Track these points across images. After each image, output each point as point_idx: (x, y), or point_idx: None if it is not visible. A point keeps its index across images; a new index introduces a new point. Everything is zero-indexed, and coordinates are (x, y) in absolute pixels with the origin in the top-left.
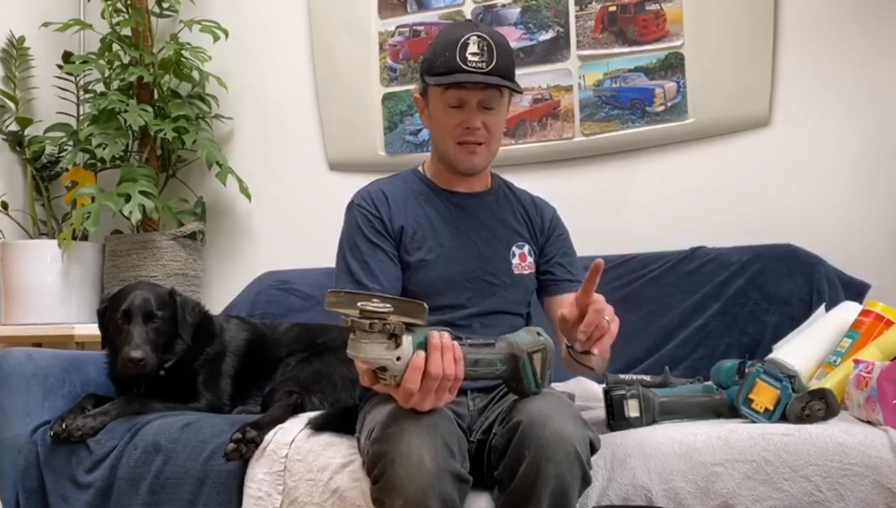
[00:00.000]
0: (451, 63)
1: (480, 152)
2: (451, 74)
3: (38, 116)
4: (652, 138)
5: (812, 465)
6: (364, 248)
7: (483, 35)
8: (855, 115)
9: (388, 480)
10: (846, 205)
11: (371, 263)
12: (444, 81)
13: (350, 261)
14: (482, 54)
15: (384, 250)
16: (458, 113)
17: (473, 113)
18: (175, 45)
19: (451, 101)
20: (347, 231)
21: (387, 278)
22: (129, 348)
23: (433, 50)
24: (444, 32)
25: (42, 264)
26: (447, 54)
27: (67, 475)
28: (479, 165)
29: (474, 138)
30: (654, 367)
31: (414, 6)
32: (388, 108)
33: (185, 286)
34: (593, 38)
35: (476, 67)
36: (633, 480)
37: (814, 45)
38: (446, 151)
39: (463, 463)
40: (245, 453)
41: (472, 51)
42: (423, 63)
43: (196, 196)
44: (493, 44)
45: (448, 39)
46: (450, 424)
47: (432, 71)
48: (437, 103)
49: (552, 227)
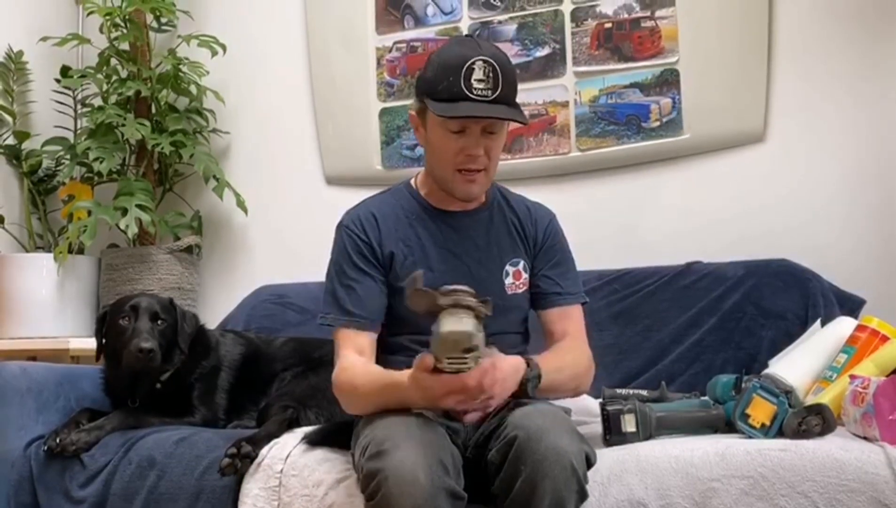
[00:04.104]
0: (454, 90)
1: (479, 180)
2: (455, 101)
3: (36, 130)
4: (647, 154)
5: (809, 481)
6: (351, 273)
7: (488, 59)
8: (849, 130)
9: (383, 497)
10: (841, 220)
11: (357, 289)
12: (449, 112)
13: (336, 286)
14: (487, 81)
15: (371, 275)
16: (459, 139)
17: (476, 139)
18: (173, 60)
19: (453, 126)
20: (335, 254)
21: (372, 305)
22: (138, 339)
23: (434, 71)
24: (446, 52)
25: (38, 278)
26: (450, 79)
27: (61, 490)
28: (476, 193)
29: (475, 166)
30: (650, 382)
31: (411, 22)
32: (384, 122)
33: (181, 300)
34: (589, 54)
35: (481, 95)
36: (629, 495)
37: (808, 61)
38: (444, 176)
39: (458, 480)
40: (240, 468)
41: (477, 77)
42: (423, 82)
43: (193, 210)
44: (499, 68)
45: (451, 63)
46: (444, 440)
47: (434, 95)
48: (436, 127)
49: (546, 237)
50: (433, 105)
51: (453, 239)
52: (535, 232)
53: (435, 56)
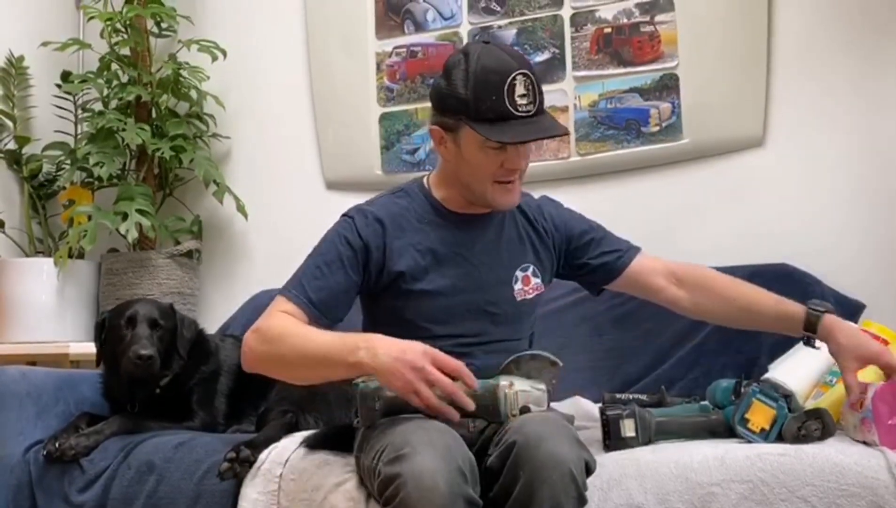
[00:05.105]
0: (501, 109)
1: (516, 186)
2: (502, 120)
3: (36, 135)
4: (647, 158)
5: (808, 486)
6: (329, 259)
7: (527, 72)
8: (849, 135)
9: (401, 502)
10: (841, 224)
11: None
12: (506, 137)
13: (309, 266)
14: (529, 95)
15: (347, 274)
16: (499, 154)
17: (518, 153)
18: (173, 65)
19: (494, 143)
20: (325, 236)
21: (331, 302)
22: (136, 346)
23: (472, 90)
24: (478, 66)
25: (38, 283)
26: (493, 98)
27: (60, 494)
28: (517, 200)
29: (514, 176)
30: (650, 386)
31: (411, 27)
32: (385, 127)
33: (181, 305)
34: (588, 59)
35: (526, 111)
36: (628, 500)
37: (807, 65)
38: (482, 190)
39: (475, 487)
40: (239, 472)
41: (520, 93)
42: (456, 100)
43: (193, 215)
44: (535, 78)
45: (490, 80)
46: (462, 448)
47: (476, 116)
48: (473, 144)
49: (566, 226)
50: (479, 127)
51: (466, 243)
52: (553, 228)
53: (464, 71)
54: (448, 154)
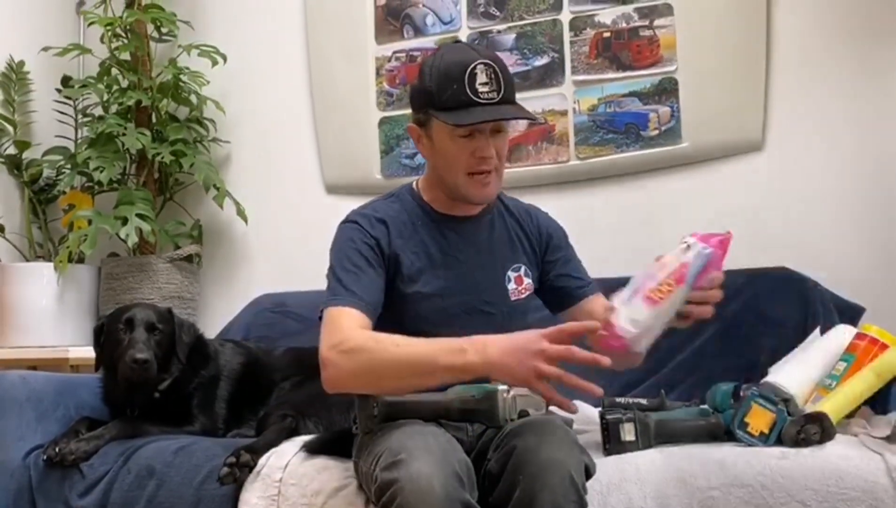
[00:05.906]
0: (462, 97)
1: (492, 181)
2: (463, 108)
3: (37, 140)
4: (646, 162)
5: (808, 489)
6: (357, 261)
7: (487, 61)
8: (848, 138)
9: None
10: (840, 228)
11: (362, 276)
12: (464, 120)
13: (340, 273)
14: (491, 83)
15: (375, 269)
16: (468, 142)
17: (486, 141)
18: (173, 70)
19: (463, 131)
20: (339, 245)
21: (375, 295)
22: (133, 350)
23: (436, 81)
24: (442, 60)
25: (38, 287)
26: (455, 87)
27: (60, 499)
28: (492, 194)
29: (487, 166)
30: (649, 390)
31: (410, 32)
32: (384, 132)
33: (181, 309)
34: (588, 63)
35: (488, 99)
36: (628, 504)
37: (806, 69)
38: (455, 182)
39: (472, 492)
40: (239, 477)
41: (481, 81)
42: (423, 94)
43: (193, 219)
44: (498, 69)
45: (451, 70)
46: (459, 452)
47: (440, 106)
48: (444, 135)
49: (549, 234)
50: (442, 115)
51: (457, 245)
52: (536, 231)
53: (429, 66)
54: (425, 150)
